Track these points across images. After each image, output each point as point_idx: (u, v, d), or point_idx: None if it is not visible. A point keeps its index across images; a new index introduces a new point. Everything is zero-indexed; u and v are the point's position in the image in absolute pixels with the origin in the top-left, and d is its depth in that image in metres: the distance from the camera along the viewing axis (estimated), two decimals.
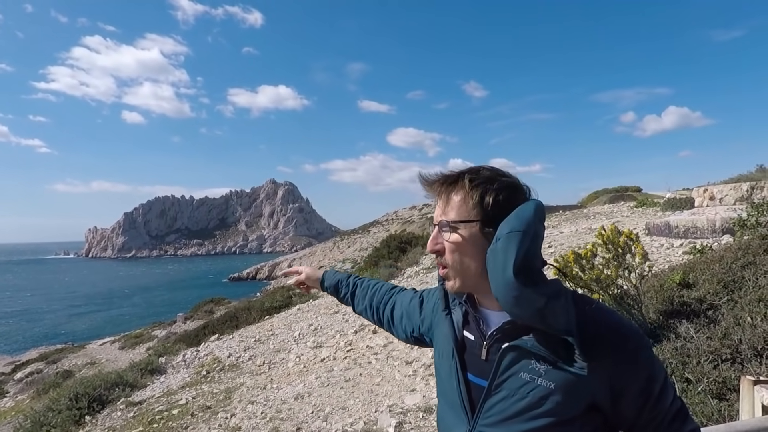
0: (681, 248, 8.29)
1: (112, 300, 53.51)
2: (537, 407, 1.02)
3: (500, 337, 1.08)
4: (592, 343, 1.00)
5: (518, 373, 1.05)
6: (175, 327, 21.52)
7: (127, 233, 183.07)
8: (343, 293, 1.75)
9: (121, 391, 8.28)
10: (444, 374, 1.21)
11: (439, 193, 1.12)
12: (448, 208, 1.10)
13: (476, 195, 1.06)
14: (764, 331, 3.53)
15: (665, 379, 1.06)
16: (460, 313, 1.21)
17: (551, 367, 1.02)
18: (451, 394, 1.16)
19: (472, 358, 1.14)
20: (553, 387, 1.01)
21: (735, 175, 17.14)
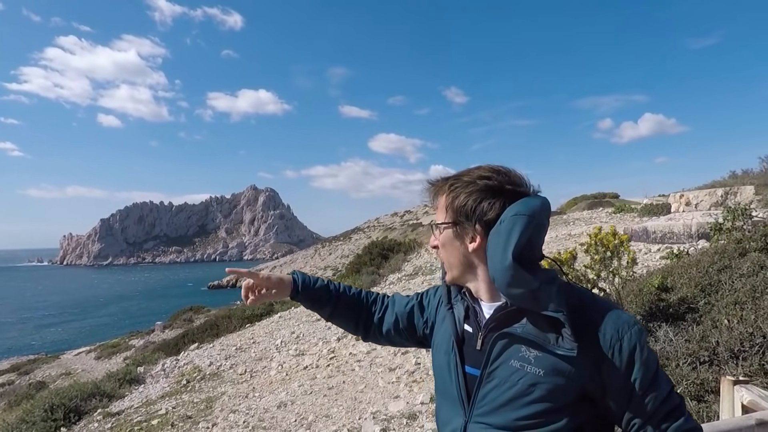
0: (659, 253, 8.46)
1: (87, 309, 52.21)
2: (527, 394, 1.04)
3: (494, 326, 1.12)
4: (583, 327, 1.03)
5: (509, 361, 1.08)
6: (153, 336, 21.13)
7: (104, 240, 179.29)
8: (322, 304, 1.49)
9: (98, 402, 8.09)
10: (442, 369, 1.24)
11: (434, 196, 1.21)
12: (437, 210, 1.20)
13: (450, 198, 1.15)
14: (740, 333, 3.61)
15: (657, 371, 1.06)
16: (462, 308, 1.24)
17: (540, 354, 1.05)
18: (450, 387, 1.19)
19: (470, 349, 1.18)
20: (542, 374, 1.04)
21: (709, 182, 17.58)
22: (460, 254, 1.15)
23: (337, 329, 9.87)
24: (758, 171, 18.58)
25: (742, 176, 17.98)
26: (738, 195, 10.18)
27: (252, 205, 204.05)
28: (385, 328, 1.51)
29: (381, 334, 1.52)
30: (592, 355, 1.03)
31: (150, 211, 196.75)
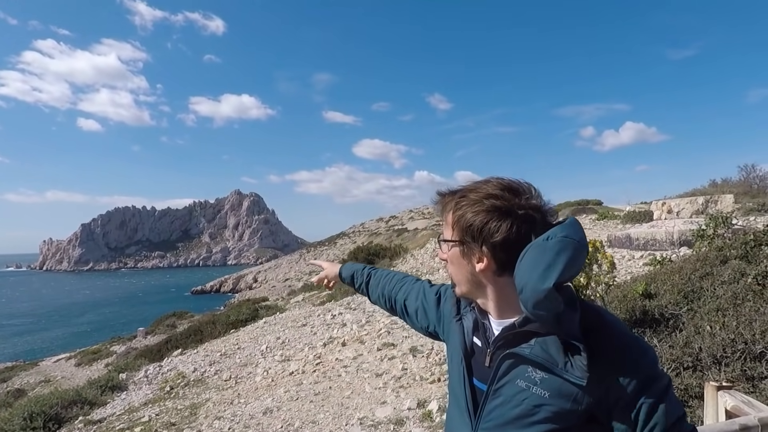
0: (642, 260, 8.59)
1: (66, 315, 51.18)
2: (531, 415, 1.04)
3: (502, 344, 1.11)
4: (596, 349, 1.01)
5: (515, 380, 1.07)
6: (135, 342, 20.81)
7: (85, 245, 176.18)
8: (358, 283, 1.84)
9: (79, 410, 7.92)
10: (454, 377, 1.25)
11: (442, 209, 1.19)
12: (444, 225, 1.19)
13: (456, 216, 1.13)
14: (723, 340, 3.68)
15: (669, 397, 1.03)
16: (470, 320, 1.25)
17: (547, 376, 1.04)
18: (460, 396, 1.21)
19: (478, 363, 1.18)
20: (547, 396, 1.03)
21: (690, 189, 17.94)
22: (467, 272, 1.14)
23: (323, 334, 9.84)
24: (737, 180, 19.04)
25: (722, 185, 18.35)
26: (718, 203, 10.39)
27: (236, 210, 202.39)
28: (409, 311, 1.60)
29: (407, 315, 1.62)
30: (601, 378, 1.01)
31: (132, 216, 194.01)
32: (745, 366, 3.47)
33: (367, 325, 9.56)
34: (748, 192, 16.92)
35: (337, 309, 12.55)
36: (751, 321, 3.73)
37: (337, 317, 11.35)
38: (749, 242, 5.27)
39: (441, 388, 5.64)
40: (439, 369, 6.29)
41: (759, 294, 4.16)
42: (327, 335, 9.62)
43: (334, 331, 9.83)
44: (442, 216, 1.19)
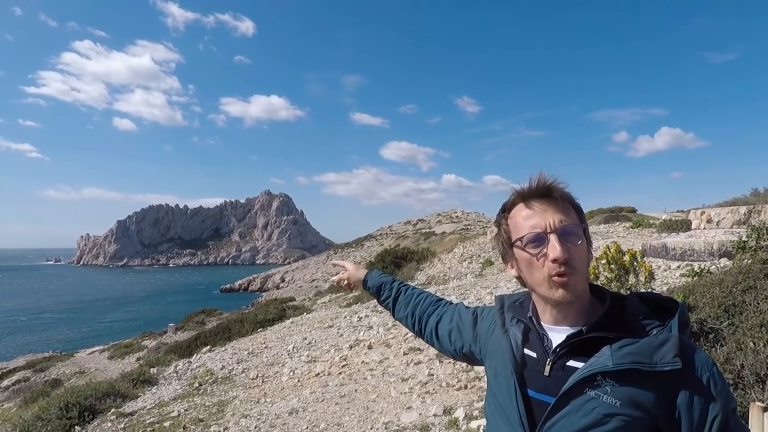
0: (678, 270, 8.31)
1: (101, 309, 52.88)
2: (600, 425, 1.00)
3: (565, 352, 1.09)
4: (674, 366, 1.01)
5: (583, 389, 1.03)
6: (165, 337, 21.32)
7: (120, 241, 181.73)
8: (384, 296, 1.73)
9: (112, 402, 8.14)
10: (501, 392, 1.19)
11: (555, 198, 1.10)
12: (567, 212, 1.10)
13: (576, 205, 1.13)
14: (767, 357, 3.52)
15: (735, 416, 1.02)
16: (518, 332, 1.21)
17: (618, 385, 1.01)
18: (510, 410, 1.14)
19: (534, 374, 1.13)
20: (618, 405, 1.00)
21: (729, 198, 17.30)
22: (588, 263, 1.12)
23: (349, 336, 9.86)
24: None
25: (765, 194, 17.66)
26: (762, 213, 9.99)
27: (266, 210, 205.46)
28: (440, 333, 1.54)
29: (437, 338, 1.55)
30: (672, 391, 1.00)
31: (165, 214, 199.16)
32: None
33: (394, 328, 9.53)
34: None
35: (364, 311, 12.56)
36: None
37: (364, 320, 11.36)
38: None
39: (467, 395, 5.57)
40: (465, 375, 6.22)
41: None
42: (353, 337, 9.63)
43: (360, 334, 9.84)
44: (561, 203, 1.10)
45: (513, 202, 1.15)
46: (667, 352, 1.00)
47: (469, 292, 11.65)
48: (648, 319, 1.07)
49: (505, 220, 1.17)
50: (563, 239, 1.05)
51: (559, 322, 1.12)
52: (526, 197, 1.11)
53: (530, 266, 1.10)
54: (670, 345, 1.01)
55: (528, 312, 1.20)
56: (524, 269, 1.13)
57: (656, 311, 1.10)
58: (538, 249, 1.07)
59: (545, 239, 1.06)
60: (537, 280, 1.09)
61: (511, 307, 1.27)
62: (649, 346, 1.02)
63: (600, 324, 1.07)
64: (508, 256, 1.18)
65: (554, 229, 1.06)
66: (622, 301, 1.13)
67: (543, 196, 1.10)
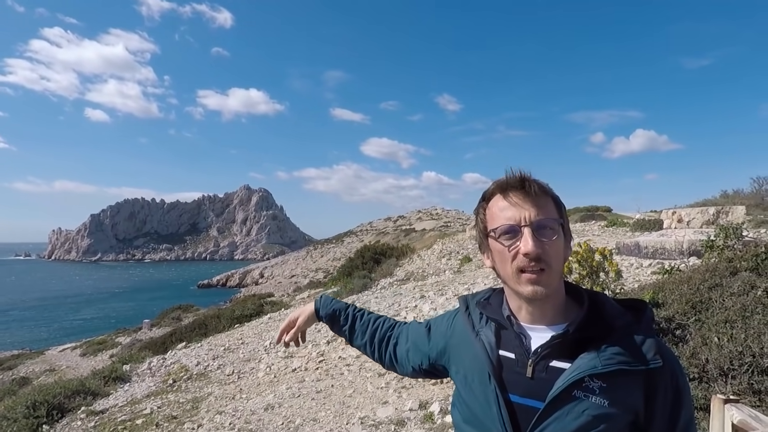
0: (650, 268, 8.51)
1: (73, 305, 51.66)
2: (591, 427, 0.99)
3: (548, 353, 1.06)
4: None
5: (572, 392, 1.01)
6: (140, 334, 20.98)
7: (93, 236, 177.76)
8: (341, 324, 1.58)
9: (82, 400, 7.97)
10: (476, 399, 1.13)
11: (534, 191, 1.07)
12: (545, 206, 1.07)
13: (550, 196, 1.10)
14: (730, 352, 3.63)
15: (691, 409, 1.08)
16: (491, 332, 1.15)
17: (605, 385, 1.01)
18: (489, 418, 1.08)
19: (514, 377, 1.08)
20: (607, 405, 1.00)
21: (700, 200, 17.76)
22: (563, 259, 1.09)
23: (327, 332, 9.83)
24: (749, 191, 18.81)
25: (734, 196, 18.16)
26: (729, 214, 10.28)
27: (245, 205, 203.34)
28: (399, 355, 1.46)
29: (396, 361, 1.48)
30: (648, 384, 1.03)
31: (141, 208, 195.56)
32: (753, 379, 3.42)
33: None
34: (760, 204, 16.70)
35: None
36: (760, 334, 3.68)
37: None
38: (760, 254, 5.20)
39: (443, 390, 5.61)
40: None
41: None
42: (331, 333, 9.61)
43: None
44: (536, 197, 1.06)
45: (492, 192, 1.12)
46: (648, 351, 1.02)
47: (447, 288, 11.73)
48: (624, 318, 1.07)
49: (483, 209, 1.14)
50: (537, 233, 1.02)
51: (536, 320, 1.09)
52: (505, 188, 1.08)
53: (502, 258, 1.07)
54: (650, 344, 1.03)
55: (504, 310, 1.15)
56: (497, 261, 1.09)
57: (628, 309, 1.11)
58: (511, 241, 1.04)
59: (519, 232, 1.03)
60: (508, 274, 1.07)
61: (480, 305, 1.22)
62: (632, 346, 1.03)
63: (584, 324, 1.06)
64: (483, 246, 1.15)
65: (529, 223, 1.03)
66: (597, 298, 1.13)
67: (522, 188, 1.07)
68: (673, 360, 1.06)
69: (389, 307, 10.95)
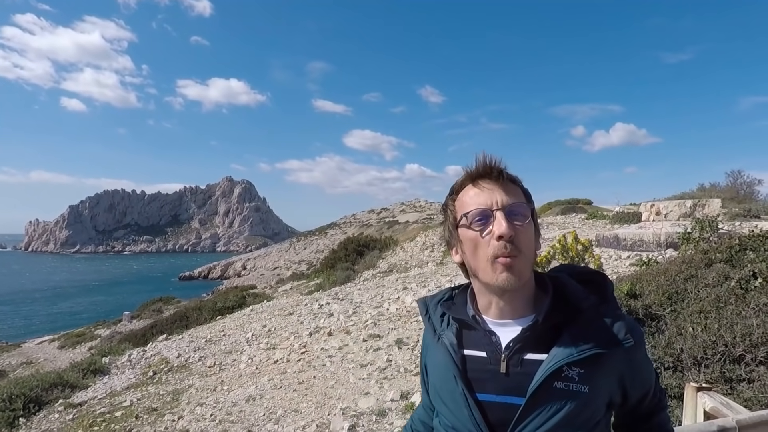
0: (628, 260, 8.65)
1: (52, 297, 50.72)
2: (575, 415, 0.99)
3: (521, 346, 1.03)
4: None
5: (552, 383, 0.99)
6: (120, 326, 20.72)
7: (72, 227, 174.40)
8: None
9: (60, 392, 7.86)
10: (448, 406, 1.10)
11: (503, 178, 1.05)
12: (516, 193, 1.05)
13: (518, 184, 1.09)
14: (704, 342, 3.71)
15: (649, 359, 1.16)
16: (452, 333, 1.12)
17: (583, 371, 0.99)
18: (463, 422, 1.06)
19: (487, 376, 1.05)
20: (587, 390, 0.99)
21: (678, 193, 18.10)
22: (534, 247, 1.06)
23: (310, 324, 9.82)
24: (725, 185, 19.25)
25: (710, 189, 18.55)
26: (706, 207, 10.49)
27: (227, 197, 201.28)
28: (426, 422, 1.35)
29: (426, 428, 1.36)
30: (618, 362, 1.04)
31: (121, 199, 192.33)
32: (725, 368, 3.51)
33: (354, 315, 9.56)
34: (735, 197, 17.11)
35: (325, 299, 12.54)
36: (733, 324, 3.77)
37: (324, 307, 11.34)
38: (734, 246, 5.33)
39: None
40: None
41: (741, 298, 4.20)
42: (313, 325, 9.61)
43: (320, 321, 9.82)
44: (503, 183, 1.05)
45: (462, 183, 1.09)
46: (620, 330, 1.02)
47: (430, 279, 11.79)
48: (590, 297, 1.05)
49: (452, 202, 1.11)
50: (510, 217, 1.00)
51: (506, 315, 1.06)
52: (474, 177, 1.06)
53: (475, 246, 1.03)
54: (621, 323, 1.03)
55: (469, 310, 1.11)
56: (468, 251, 1.05)
57: (588, 286, 1.09)
58: (483, 226, 1.01)
59: (491, 216, 1.01)
60: (481, 263, 1.02)
61: (442, 305, 1.18)
62: (604, 328, 1.02)
63: (551, 311, 1.04)
64: (453, 240, 1.11)
65: (501, 207, 1.01)
66: (559, 281, 1.10)
67: (491, 176, 1.05)
68: (641, 335, 1.08)
69: (372, 299, 10.97)
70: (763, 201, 16.51)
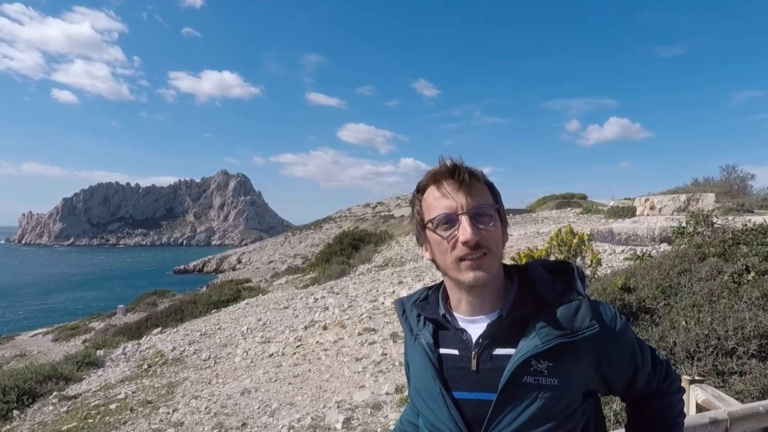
0: (623, 254, 8.69)
1: (46, 290, 50.49)
2: (547, 409, 0.99)
3: (489, 342, 1.04)
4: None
5: (522, 378, 1.00)
6: (114, 319, 20.67)
7: (66, 220, 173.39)
8: None
9: (54, 385, 7.84)
10: (428, 406, 1.11)
11: (464, 180, 1.04)
12: (481, 193, 1.05)
13: (483, 182, 1.07)
14: (697, 335, 3.74)
15: (642, 345, 1.12)
16: (428, 333, 1.13)
17: (552, 363, 1.00)
18: (442, 420, 1.07)
19: (460, 373, 1.06)
20: (557, 383, 0.99)
21: (672, 187, 18.19)
22: (501, 243, 1.06)
23: (305, 317, 9.83)
24: (719, 180, 19.35)
25: (704, 184, 18.64)
26: (700, 201, 10.54)
27: (222, 190, 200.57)
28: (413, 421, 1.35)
29: None
30: (591, 349, 1.02)
31: (116, 192, 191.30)
32: (717, 361, 3.54)
33: (349, 309, 9.58)
34: (729, 192, 17.22)
35: (320, 293, 12.55)
36: (725, 318, 3.80)
37: (320, 301, 11.35)
38: (727, 241, 5.36)
39: None
40: None
41: (734, 291, 4.23)
42: (308, 318, 9.62)
43: (315, 315, 9.83)
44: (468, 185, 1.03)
45: (426, 183, 1.08)
46: (584, 317, 1.01)
47: (425, 273, 11.81)
48: (556, 287, 1.06)
49: (419, 201, 1.10)
50: (475, 220, 1.00)
51: (476, 310, 1.07)
52: (437, 178, 1.05)
53: (441, 249, 1.04)
54: (584, 309, 1.02)
55: (440, 308, 1.13)
56: (436, 252, 1.07)
57: (557, 275, 1.10)
58: (448, 231, 1.02)
59: (456, 221, 1.01)
60: (448, 264, 1.04)
61: (417, 306, 1.19)
62: (567, 316, 1.02)
63: (516, 305, 1.04)
64: (422, 238, 1.12)
65: (465, 211, 1.01)
66: (527, 273, 1.10)
67: (454, 177, 1.04)
68: (612, 319, 1.05)
69: (367, 292, 10.99)
70: (756, 195, 16.63)
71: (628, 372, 1.09)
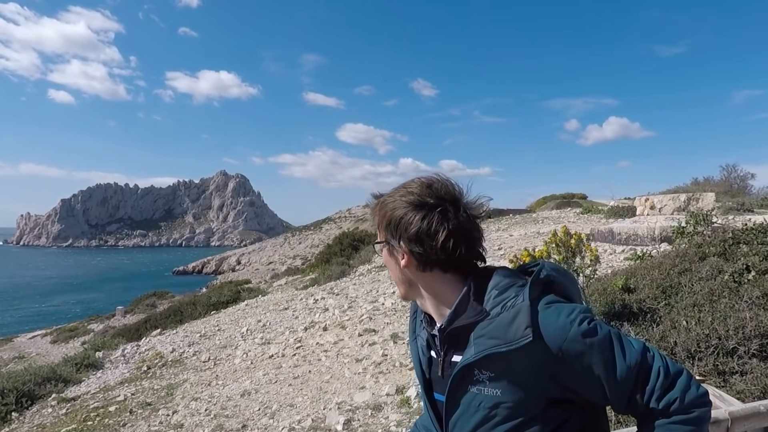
0: (623, 254, 8.69)
1: (44, 291, 50.41)
2: (492, 418, 1.02)
3: (446, 348, 1.10)
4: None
5: (467, 386, 1.05)
6: (113, 321, 20.65)
7: (64, 221, 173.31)
8: None
9: (53, 387, 7.82)
10: (422, 403, 1.24)
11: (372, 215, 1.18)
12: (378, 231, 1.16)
13: (380, 217, 1.13)
14: (697, 335, 3.73)
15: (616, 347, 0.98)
16: (424, 336, 1.21)
17: (493, 374, 1.01)
18: (429, 420, 1.19)
19: (436, 376, 1.15)
20: (500, 394, 1.01)
21: (672, 187, 18.21)
22: (398, 272, 1.13)
23: (305, 319, 9.82)
24: (719, 179, 19.37)
25: (704, 183, 18.65)
26: (700, 201, 10.55)
27: (221, 191, 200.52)
28: None
29: None
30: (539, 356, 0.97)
31: (114, 193, 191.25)
32: (718, 361, 3.53)
33: (350, 310, 9.56)
34: (729, 191, 17.23)
35: (320, 294, 12.54)
36: (726, 317, 3.79)
37: (320, 302, 11.34)
38: (727, 240, 5.36)
39: None
40: None
41: (734, 291, 4.23)
42: (308, 319, 9.61)
43: (315, 316, 9.82)
44: (373, 220, 1.17)
45: None
46: (519, 326, 0.96)
47: None
48: (506, 292, 1.02)
49: None
50: None
51: (438, 319, 1.13)
52: None
53: None
54: (521, 317, 0.97)
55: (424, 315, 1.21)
56: None
57: (519, 279, 1.07)
58: None
59: None
60: None
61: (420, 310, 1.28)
62: (502, 325, 0.99)
63: (452, 316, 1.07)
64: None
65: None
66: (488, 279, 1.07)
67: None
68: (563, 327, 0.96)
69: (367, 293, 10.98)
70: (757, 195, 16.65)
71: (597, 383, 0.97)
